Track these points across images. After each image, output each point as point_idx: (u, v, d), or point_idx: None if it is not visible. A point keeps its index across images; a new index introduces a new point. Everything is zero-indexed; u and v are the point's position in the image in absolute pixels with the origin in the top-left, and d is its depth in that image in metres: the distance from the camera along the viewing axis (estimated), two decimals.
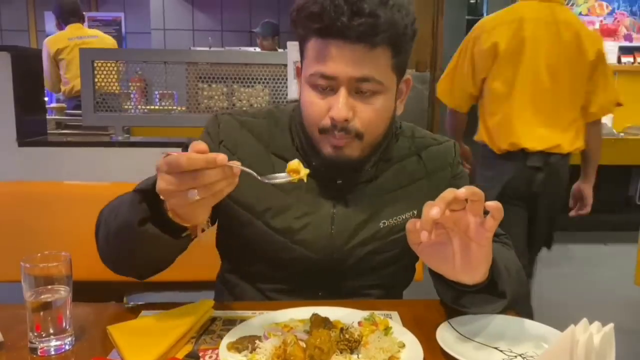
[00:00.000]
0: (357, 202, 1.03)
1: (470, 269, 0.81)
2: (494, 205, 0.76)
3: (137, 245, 0.86)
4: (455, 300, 0.88)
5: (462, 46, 2.09)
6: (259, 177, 0.80)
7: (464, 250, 0.80)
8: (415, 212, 1.04)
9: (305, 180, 0.83)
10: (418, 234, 0.77)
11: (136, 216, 0.82)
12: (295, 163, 0.82)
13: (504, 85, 1.99)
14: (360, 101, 0.93)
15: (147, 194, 0.83)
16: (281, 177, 0.82)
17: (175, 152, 0.73)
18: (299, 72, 1.01)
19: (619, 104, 2.10)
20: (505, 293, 0.87)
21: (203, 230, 0.85)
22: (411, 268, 1.15)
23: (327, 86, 0.92)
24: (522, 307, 1.96)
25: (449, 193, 0.76)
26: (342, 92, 0.91)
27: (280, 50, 4.54)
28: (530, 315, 1.77)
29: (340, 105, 0.90)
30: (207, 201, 0.76)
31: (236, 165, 0.75)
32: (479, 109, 2.13)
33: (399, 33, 0.90)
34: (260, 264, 1.04)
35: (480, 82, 2.06)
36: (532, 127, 1.97)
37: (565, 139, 1.99)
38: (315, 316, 0.85)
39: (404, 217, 1.03)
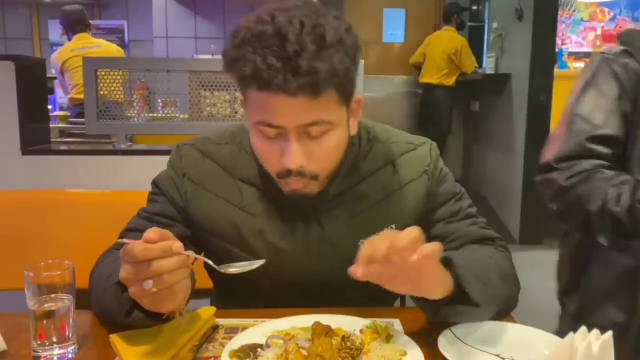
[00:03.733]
0: (332, 223, 1.01)
1: (427, 291, 0.82)
2: (430, 248, 0.74)
3: (129, 327, 0.86)
4: (435, 313, 0.87)
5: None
6: (217, 267, 0.82)
7: (415, 277, 0.79)
8: (394, 226, 1.01)
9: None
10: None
11: (122, 308, 0.83)
12: None
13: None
14: (311, 142, 0.89)
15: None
16: (239, 266, 0.84)
17: (132, 241, 0.73)
18: (242, 104, 0.95)
19: (475, 70, 5.24)
20: (477, 302, 0.85)
21: (181, 314, 0.83)
22: None
23: (276, 134, 0.88)
24: None
25: (377, 250, 0.75)
26: (292, 139, 0.87)
27: None
28: None
29: (293, 154, 0.87)
30: (165, 294, 0.74)
31: (191, 254, 0.76)
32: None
33: (342, 76, 0.85)
34: (244, 288, 1.03)
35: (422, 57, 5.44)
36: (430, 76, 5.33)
37: (440, 79, 5.21)
38: (317, 324, 0.85)
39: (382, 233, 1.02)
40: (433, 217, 1.05)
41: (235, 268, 0.83)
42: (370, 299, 1.02)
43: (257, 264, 0.84)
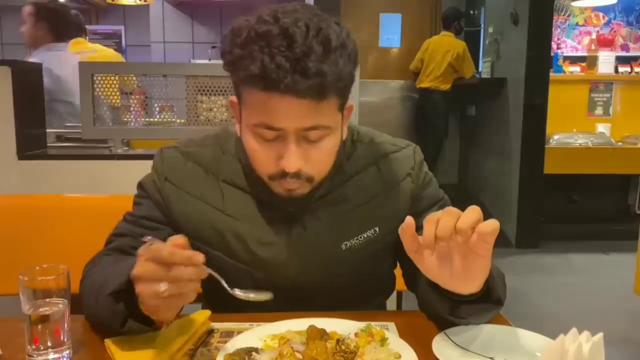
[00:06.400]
0: (315, 225, 1.00)
1: (468, 279, 0.81)
2: (490, 226, 0.75)
3: (123, 334, 0.86)
4: (452, 311, 0.87)
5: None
6: (229, 289, 0.83)
7: (463, 259, 0.80)
8: (377, 229, 1.01)
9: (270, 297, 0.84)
10: (412, 240, 0.78)
11: (116, 320, 0.83)
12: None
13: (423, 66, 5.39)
14: (308, 146, 0.88)
15: (122, 292, 0.81)
16: (245, 292, 0.84)
17: (158, 242, 0.74)
18: (234, 106, 0.95)
19: (473, 75, 5.31)
20: (500, 299, 0.87)
21: (172, 321, 0.84)
22: (388, 277, 1.13)
23: (274, 136, 0.87)
24: None
25: (444, 229, 0.75)
26: (292, 142, 0.86)
27: None
28: None
29: (292, 157, 0.87)
30: (172, 301, 0.75)
31: (208, 270, 0.77)
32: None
33: (346, 81, 0.86)
34: (229, 294, 1.03)
35: (421, 62, 5.39)
36: (428, 80, 5.34)
37: (437, 84, 5.23)
38: (311, 327, 0.85)
39: (365, 236, 1.01)
40: (418, 223, 1.05)
41: (240, 292, 0.84)
42: (359, 300, 1.02)
43: (264, 296, 0.84)
